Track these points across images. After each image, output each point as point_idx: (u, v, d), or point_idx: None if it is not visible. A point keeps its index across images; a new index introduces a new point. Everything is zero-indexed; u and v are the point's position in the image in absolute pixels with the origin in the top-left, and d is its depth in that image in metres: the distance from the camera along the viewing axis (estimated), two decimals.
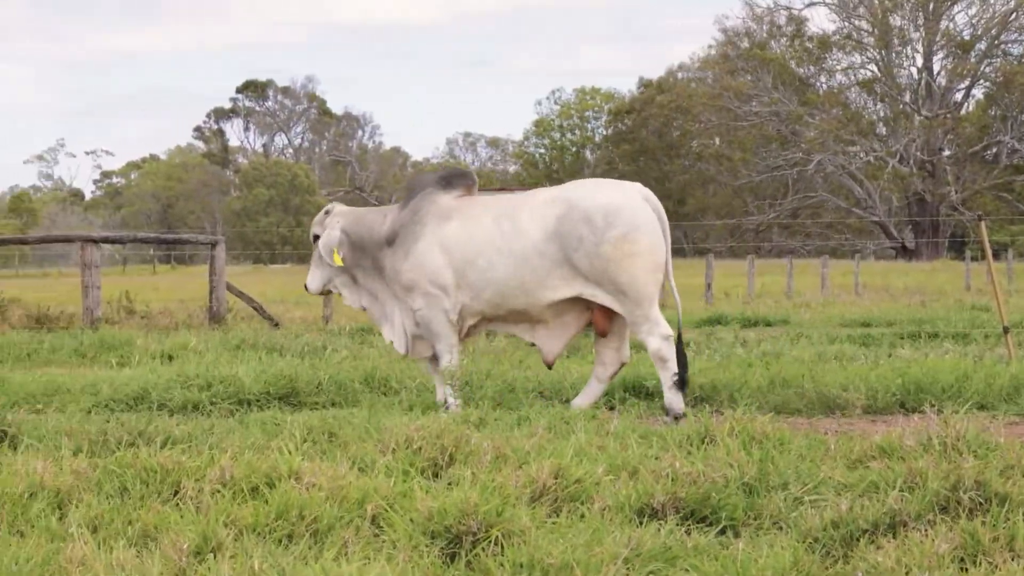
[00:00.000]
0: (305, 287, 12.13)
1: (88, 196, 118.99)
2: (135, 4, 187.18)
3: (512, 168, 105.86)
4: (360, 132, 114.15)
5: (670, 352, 10.82)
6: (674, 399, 10.83)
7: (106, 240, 23.60)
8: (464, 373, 12.03)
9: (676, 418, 10.58)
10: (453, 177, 11.60)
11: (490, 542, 6.10)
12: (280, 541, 6.29)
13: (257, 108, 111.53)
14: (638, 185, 11.27)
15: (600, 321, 11.18)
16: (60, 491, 7.05)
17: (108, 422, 9.67)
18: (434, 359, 11.58)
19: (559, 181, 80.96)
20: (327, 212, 12.00)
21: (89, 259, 22.11)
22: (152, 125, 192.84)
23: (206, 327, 21.54)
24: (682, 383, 10.88)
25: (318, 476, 7.10)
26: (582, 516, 6.69)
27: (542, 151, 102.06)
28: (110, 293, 24.41)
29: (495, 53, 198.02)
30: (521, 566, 5.79)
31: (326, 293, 12.30)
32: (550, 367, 11.82)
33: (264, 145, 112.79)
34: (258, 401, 11.68)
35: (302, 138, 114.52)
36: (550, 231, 10.89)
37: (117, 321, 22.42)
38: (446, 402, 11.22)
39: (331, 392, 11.97)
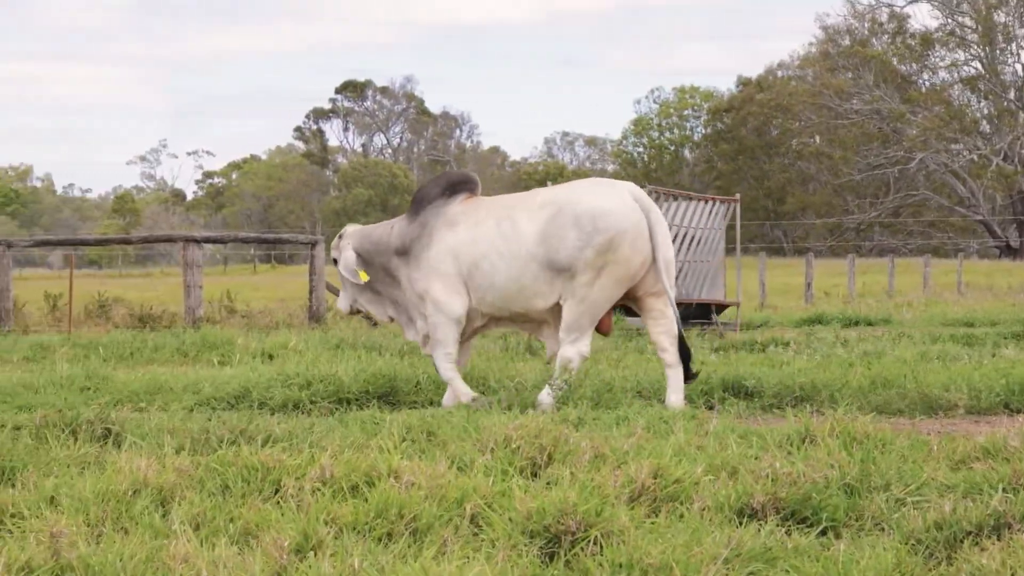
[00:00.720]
0: (338, 308, 12.55)
1: (189, 196, 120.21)
2: (237, 6, 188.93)
3: (610, 167, 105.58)
4: (458, 132, 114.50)
5: (576, 367, 11.11)
6: (546, 401, 10.97)
7: (207, 240, 23.84)
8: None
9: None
10: (455, 183, 11.82)
11: (589, 542, 6.08)
12: (379, 539, 6.31)
13: (356, 108, 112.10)
14: (630, 185, 11.36)
15: (605, 322, 11.37)
16: (163, 489, 7.11)
17: (210, 420, 9.76)
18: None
19: (658, 180, 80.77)
20: (341, 236, 12.23)
21: (191, 259, 22.33)
22: (253, 126, 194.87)
23: (306, 326, 21.70)
24: (688, 375, 11.12)
25: (417, 475, 7.11)
26: (681, 516, 6.65)
27: (640, 150, 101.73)
28: (211, 292, 24.65)
29: (594, 52, 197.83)
30: (620, 566, 5.77)
31: (356, 312, 12.60)
32: (548, 363, 12.01)
33: (363, 145, 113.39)
34: (357, 400, 11.74)
35: (400, 138, 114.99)
36: (541, 234, 11.01)
37: (218, 320, 22.63)
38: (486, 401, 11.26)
39: (430, 391, 12.00)
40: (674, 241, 23.26)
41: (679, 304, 22.03)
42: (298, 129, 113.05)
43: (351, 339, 17.49)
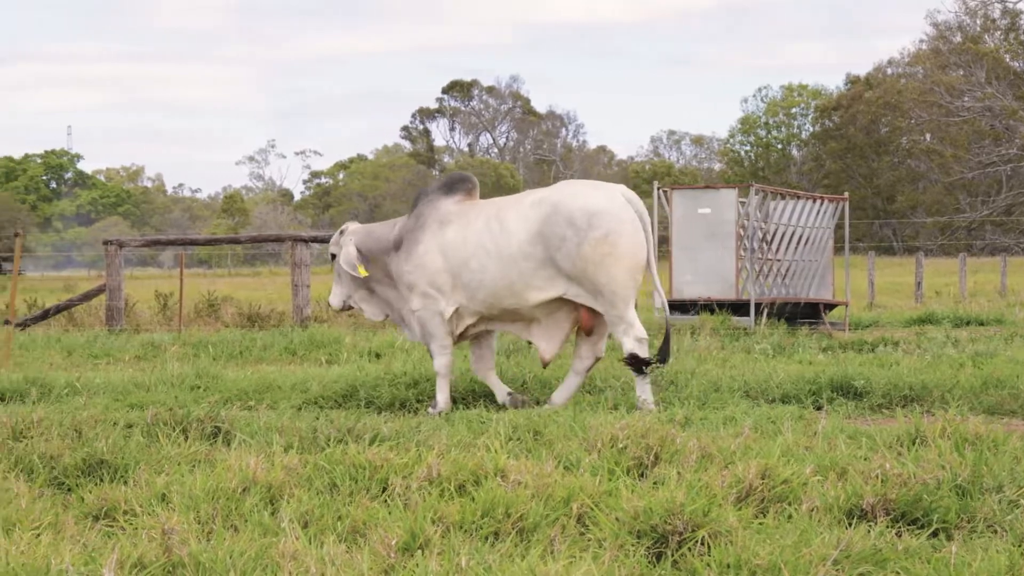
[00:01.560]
0: (329, 304, 12.69)
1: (297, 196, 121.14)
2: (344, 7, 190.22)
3: (717, 166, 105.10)
4: (564, 131, 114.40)
5: (643, 353, 11.10)
6: (646, 395, 11.10)
7: (315, 239, 23.97)
8: (668, 372, 12.05)
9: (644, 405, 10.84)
10: (454, 182, 12.04)
11: (696, 542, 6.06)
12: (486, 538, 6.32)
13: (462, 108, 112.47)
14: (621, 187, 11.55)
15: (586, 320, 11.46)
16: (272, 486, 7.17)
17: (318, 419, 9.83)
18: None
19: (765, 179, 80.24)
20: (342, 232, 12.38)
21: (299, 258, 22.51)
22: (359, 126, 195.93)
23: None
24: (663, 359, 11.30)
25: (524, 474, 7.12)
26: (789, 517, 6.61)
27: (747, 148, 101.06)
28: (319, 291, 24.81)
29: (700, 50, 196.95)
30: (728, 566, 5.74)
31: (347, 309, 12.68)
32: (545, 366, 12.05)
33: (469, 144, 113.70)
34: (464, 399, 11.78)
35: (507, 137, 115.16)
36: (535, 232, 11.23)
37: (326, 319, 22.78)
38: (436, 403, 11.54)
39: (536, 390, 12.01)
40: (782, 240, 23.18)
41: (787, 303, 22.04)
42: (405, 129, 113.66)
43: None
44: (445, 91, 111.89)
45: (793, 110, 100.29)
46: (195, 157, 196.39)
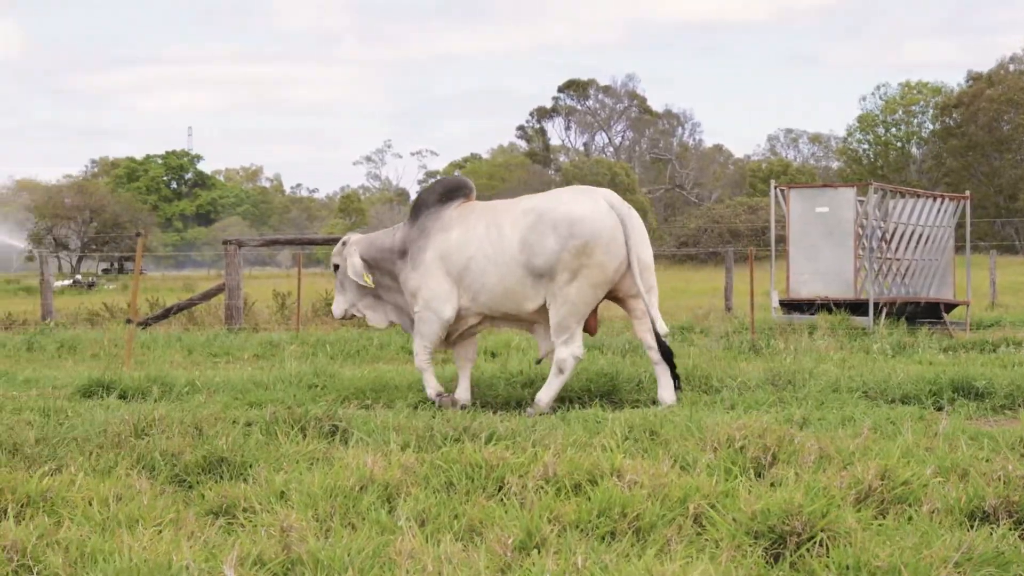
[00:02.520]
0: (332, 313, 12.95)
1: (413, 196, 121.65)
2: (459, 7, 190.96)
3: (835, 165, 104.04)
4: (680, 130, 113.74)
5: (569, 368, 11.45)
6: (545, 397, 11.43)
7: None
8: (786, 372, 11.97)
9: (541, 413, 11.09)
10: (451, 189, 12.31)
11: (815, 543, 6.01)
12: (603, 538, 6.31)
13: (578, 107, 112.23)
14: (607, 192, 11.80)
15: (590, 321, 11.75)
16: (389, 485, 7.20)
17: (434, 418, 9.87)
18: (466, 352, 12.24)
19: (884, 178, 79.38)
20: (344, 243, 12.67)
21: None
22: (475, 125, 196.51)
23: None
24: (675, 377, 11.50)
25: (640, 474, 7.10)
26: (910, 518, 6.53)
27: (866, 147, 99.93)
28: None
29: (817, 48, 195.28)
30: (847, 568, 5.69)
31: (350, 317, 12.91)
32: (539, 362, 12.53)
33: (585, 143, 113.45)
34: (579, 398, 11.77)
35: (622, 136, 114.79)
36: (522, 240, 11.50)
37: None
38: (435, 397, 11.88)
39: (652, 390, 11.97)
40: (901, 239, 22.92)
41: (907, 303, 21.79)
42: (520, 128, 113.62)
43: None
44: (561, 90, 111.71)
45: (912, 107, 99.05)
46: (313, 157, 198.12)
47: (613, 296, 11.73)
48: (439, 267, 11.80)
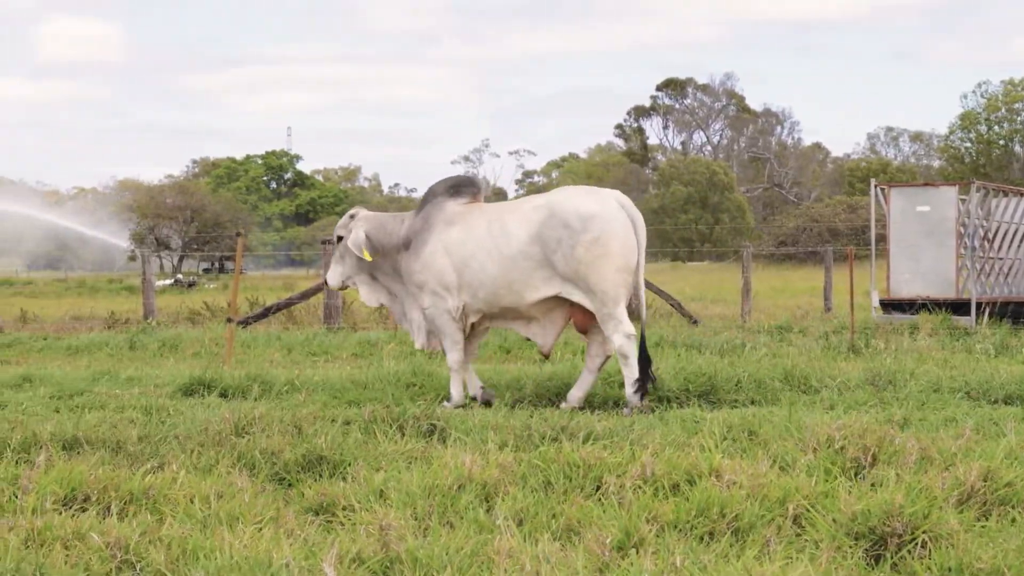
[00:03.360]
0: (325, 282, 13.21)
1: (511, 195, 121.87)
2: (556, 6, 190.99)
3: (936, 163, 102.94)
4: (779, 128, 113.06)
5: (631, 350, 11.63)
6: (631, 395, 11.50)
7: None
8: (886, 372, 11.88)
9: (633, 410, 11.25)
10: (460, 185, 12.52)
11: (916, 545, 5.95)
12: (701, 538, 6.28)
13: (676, 106, 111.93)
14: (616, 192, 12.14)
15: (579, 318, 11.98)
16: (487, 484, 7.21)
17: (532, 417, 9.88)
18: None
19: (986, 176, 78.43)
20: (351, 216, 12.77)
21: None
22: (572, 124, 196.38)
23: None
24: (643, 380, 11.56)
25: (738, 474, 7.07)
26: (1013, 520, 6.45)
27: (968, 145, 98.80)
28: None
29: (917, 45, 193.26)
30: (949, 570, 5.63)
31: (343, 288, 13.20)
32: (546, 358, 12.95)
33: (682, 142, 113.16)
34: (677, 398, 11.73)
35: (720, 135, 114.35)
36: (533, 235, 11.76)
37: None
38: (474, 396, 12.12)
39: (750, 390, 11.91)
40: (1004, 238, 22.65)
41: (1008, 303, 21.53)
42: (618, 127, 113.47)
43: (671, 337, 17.48)
44: (659, 89, 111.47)
45: (1016, 105, 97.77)
46: (411, 157, 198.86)
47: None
48: (442, 258, 12.03)
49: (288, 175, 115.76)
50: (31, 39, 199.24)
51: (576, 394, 11.79)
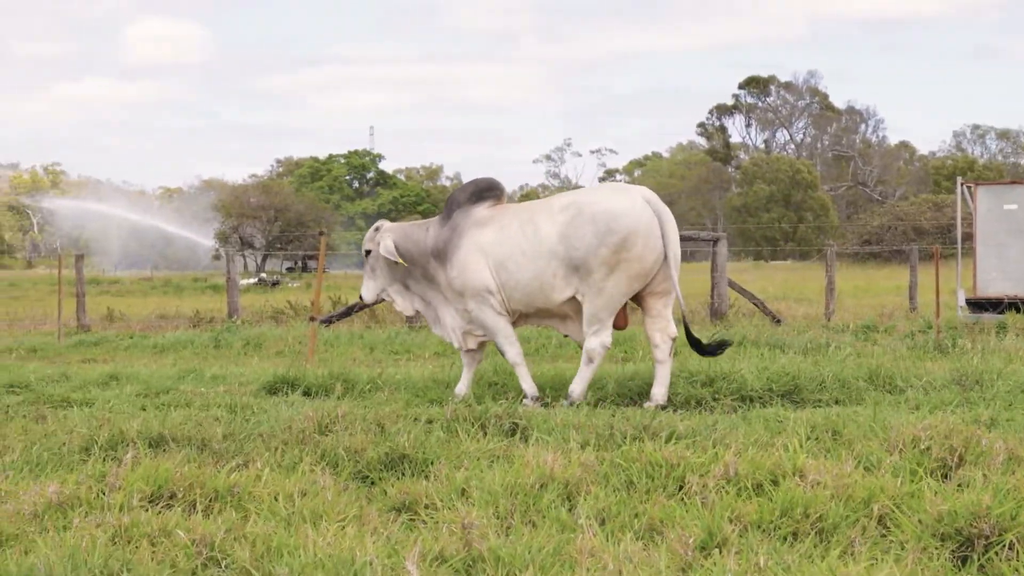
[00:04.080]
0: (360, 297, 13.19)
1: None
2: (637, 5, 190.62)
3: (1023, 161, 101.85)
4: (863, 126, 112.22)
5: (599, 358, 11.80)
6: (578, 388, 11.79)
7: None
8: (973, 372, 11.77)
9: (572, 403, 11.52)
10: (483, 190, 12.51)
11: (1004, 546, 5.89)
12: (784, 539, 6.25)
13: (759, 104, 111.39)
14: (643, 189, 12.08)
15: (619, 317, 11.99)
16: (569, 483, 7.21)
17: (614, 416, 9.86)
18: (475, 352, 12.62)
19: None
20: (376, 229, 12.86)
21: None
22: (654, 123, 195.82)
23: (707, 322, 21.68)
24: (706, 350, 12.08)
25: (823, 474, 7.02)
26: None
27: None
28: None
29: (1005, 42, 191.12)
30: None
31: (379, 301, 13.36)
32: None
33: (765, 141, 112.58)
34: (760, 398, 11.66)
35: (804, 133, 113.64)
36: (561, 235, 11.74)
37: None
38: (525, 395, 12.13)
39: (834, 390, 11.83)
40: None
41: None
42: (701, 125, 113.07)
43: (753, 336, 17.40)
44: (741, 87, 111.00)
45: None
46: (492, 156, 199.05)
47: (639, 292, 11.94)
48: (478, 261, 12.06)
49: (371, 174, 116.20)
50: (119, 41, 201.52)
51: (658, 391, 11.74)
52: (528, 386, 12.11)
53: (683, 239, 14.71)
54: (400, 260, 12.45)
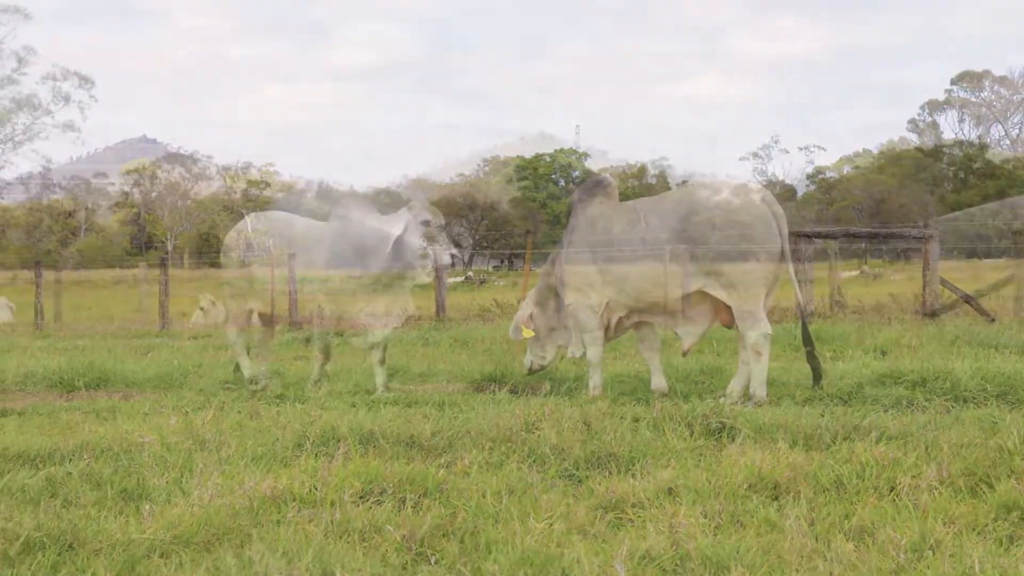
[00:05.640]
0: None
1: (800, 192, 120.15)
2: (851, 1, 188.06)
3: None
4: None
5: (765, 347, 11.80)
6: (759, 390, 11.67)
7: (817, 235, 23.84)
8: None
9: (758, 404, 11.31)
10: (592, 186, 12.89)
11: None
12: (1000, 541, 6.12)
13: (972, 99, 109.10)
14: (756, 185, 12.25)
15: (724, 315, 12.04)
16: (777, 483, 7.15)
17: (822, 416, 9.74)
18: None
19: None
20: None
21: (802, 254, 22.43)
22: (864, 119, 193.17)
23: (918, 322, 21.30)
24: (814, 368, 11.97)
25: None
26: None
27: None
28: (820, 289, 24.63)
29: None
30: None
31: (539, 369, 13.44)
32: (685, 355, 12.76)
33: (979, 136, 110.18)
34: (974, 398, 11.42)
35: (1019, 128, 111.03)
36: (676, 230, 11.91)
37: (829, 316, 22.57)
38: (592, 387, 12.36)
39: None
40: None
41: None
42: (912, 121, 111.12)
43: (966, 335, 17.04)
44: (954, 82, 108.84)
45: None
46: (698, 153, 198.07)
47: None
48: (583, 259, 12.33)
49: (577, 173, 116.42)
50: (333, 44, 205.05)
51: (758, 391, 11.76)
52: (595, 383, 12.40)
53: (893, 237, 14.48)
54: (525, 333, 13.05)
